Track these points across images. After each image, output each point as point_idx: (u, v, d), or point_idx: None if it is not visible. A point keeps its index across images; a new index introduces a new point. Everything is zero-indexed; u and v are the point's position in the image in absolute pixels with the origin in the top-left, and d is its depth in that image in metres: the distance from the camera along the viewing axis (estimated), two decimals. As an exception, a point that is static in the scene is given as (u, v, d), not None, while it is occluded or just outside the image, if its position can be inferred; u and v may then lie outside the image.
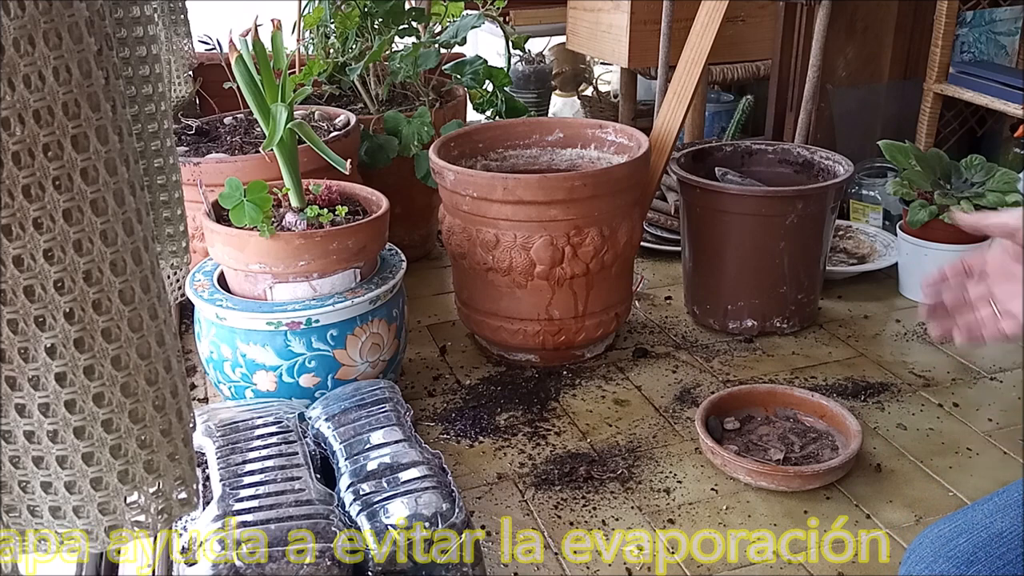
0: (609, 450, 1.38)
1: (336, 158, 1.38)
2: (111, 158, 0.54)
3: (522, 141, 1.74)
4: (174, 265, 1.00)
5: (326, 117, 1.82)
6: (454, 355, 1.68)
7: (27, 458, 0.56)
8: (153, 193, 0.93)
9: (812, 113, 2.02)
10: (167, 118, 0.93)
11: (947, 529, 0.75)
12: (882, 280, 1.89)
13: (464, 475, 1.33)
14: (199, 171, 1.55)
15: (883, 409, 1.48)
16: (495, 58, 2.26)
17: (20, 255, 0.51)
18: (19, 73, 0.49)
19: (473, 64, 1.97)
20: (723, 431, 1.38)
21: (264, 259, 1.33)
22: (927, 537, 0.76)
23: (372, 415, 1.21)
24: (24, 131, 0.50)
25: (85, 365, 0.55)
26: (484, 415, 1.47)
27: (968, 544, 0.72)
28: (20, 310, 0.52)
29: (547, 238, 1.48)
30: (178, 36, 1.36)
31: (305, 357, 1.35)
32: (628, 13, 2.26)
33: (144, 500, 0.60)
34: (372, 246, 1.41)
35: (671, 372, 1.60)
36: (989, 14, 2.06)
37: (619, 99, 2.74)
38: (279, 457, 1.11)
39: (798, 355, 1.65)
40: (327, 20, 1.97)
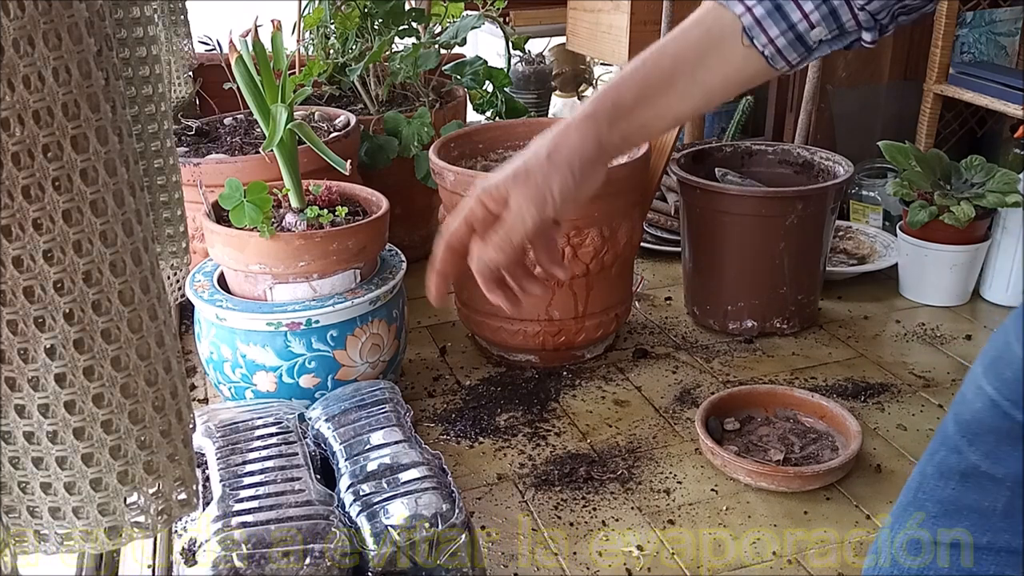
0: (609, 451, 1.38)
1: (336, 159, 1.38)
2: (111, 159, 0.54)
3: (522, 142, 1.73)
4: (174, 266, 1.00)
5: (326, 118, 1.82)
6: (454, 356, 1.68)
7: (27, 459, 0.56)
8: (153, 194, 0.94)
9: (812, 113, 2.02)
10: (167, 119, 0.93)
11: None
12: (882, 281, 1.89)
13: (464, 476, 1.33)
14: (199, 172, 1.55)
15: (883, 410, 1.47)
16: (495, 59, 2.26)
17: (20, 256, 0.51)
18: (19, 74, 0.49)
19: (473, 65, 1.97)
20: (723, 432, 1.38)
21: (264, 260, 1.33)
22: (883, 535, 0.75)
23: (372, 416, 1.21)
24: (24, 132, 0.50)
25: (85, 366, 0.55)
26: (484, 416, 1.47)
27: None
28: (20, 311, 0.52)
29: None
30: (178, 36, 1.36)
31: (305, 358, 1.35)
32: (628, 13, 2.26)
33: (144, 501, 0.60)
34: (372, 247, 1.41)
35: (671, 373, 1.60)
36: (989, 15, 2.06)
37: (619, 100, 2.73)
38: (279, 458, 1.11)
39: (798, 356, 1.65)
40: (327, 20, 1.97)
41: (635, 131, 0.71)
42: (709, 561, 1.16)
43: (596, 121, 0.70)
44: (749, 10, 0.67)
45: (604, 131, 0.70)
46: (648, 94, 0.70)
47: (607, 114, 0.70)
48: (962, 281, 1.79)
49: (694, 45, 0.71)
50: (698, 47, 0.71)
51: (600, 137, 0.70)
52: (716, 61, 0.70)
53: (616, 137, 0.70)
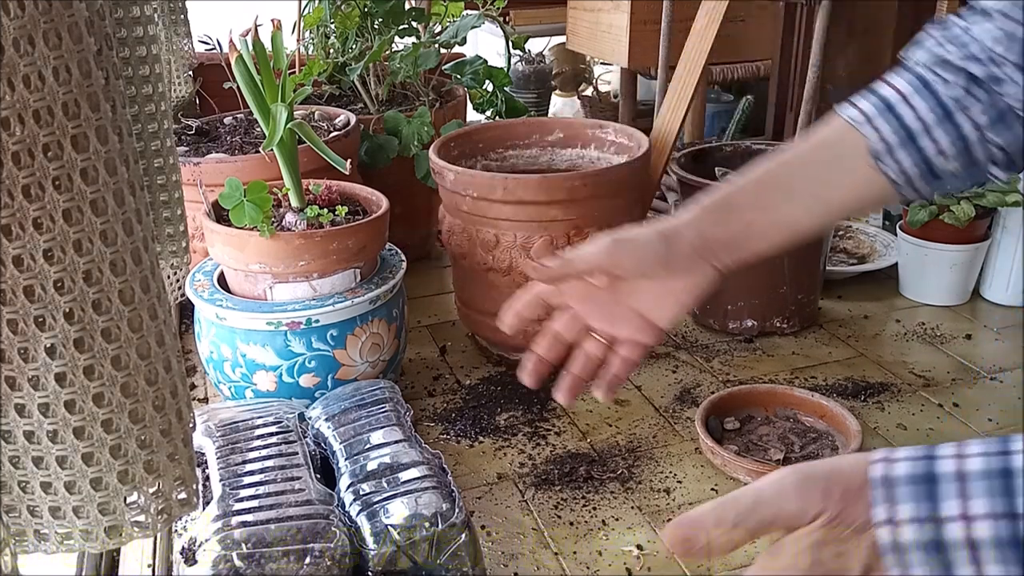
0: (609, 450, 1.38)
1: (336, 158, 1.38)
2: (111, 158, 0.54)
3: (522, 141, 1.74)
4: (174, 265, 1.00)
5: (326, 117, 1.82)
6: (454, 355, 1.68)
7: (27, 458, 0.56)
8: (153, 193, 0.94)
9: (812, 113, 2.02)
10: (167, 118, 0.93)
11: None
12: (882, 280, 1.89)
13: (464, 475, 1.33)
14: (199, 171, 1.55)
15: (883, 409, 1.48)
16: (495, 58, 2.26)
17: (20, 255, 0.51)
18: (19, 73, 0.49)
19: (473, 64, 1.97)
20: (723, 431, 1.38)
21: (264, 259, 1.33)
22: None
23: (372, 415, 1.21)
24: (24, 131, 0.50)
25: (85, 365, 0.55)
26: (484, 415, 1.47)
27: None
28: (20, 310, 0.52)
29: (547, 238, 1.48)
30: (178, 36, 1.36)
31: (305, 357, 1.36)
32: (628, 13, 2.26)
33: (144, 500, 0.60)
34: (372, 246, 1.41)
35: (671, 372, 1.60)
36: (989, 14, 2.06)
37: (619, 99, 2.74)
38: (279, 457, 1.11)
39: (798, 355, 1.65)
40: (327, 20, 1.97)
41: (743, 232, 0.71)
42: (709, 561, 1.16)
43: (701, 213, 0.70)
44: (882, 137, 0.66)
45: (707, 226, 0.70)
46: (764, 200, 0.69)
47: (713, 207, 0.70)
48: (962, 280, 1.79)
49: (819, 160, 0.70)
50: (823, 163, 0.70)
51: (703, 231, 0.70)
52: (839, 179, 0.69)
53: (720, 233, 0.70)
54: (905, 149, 0.65)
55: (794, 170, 0.70)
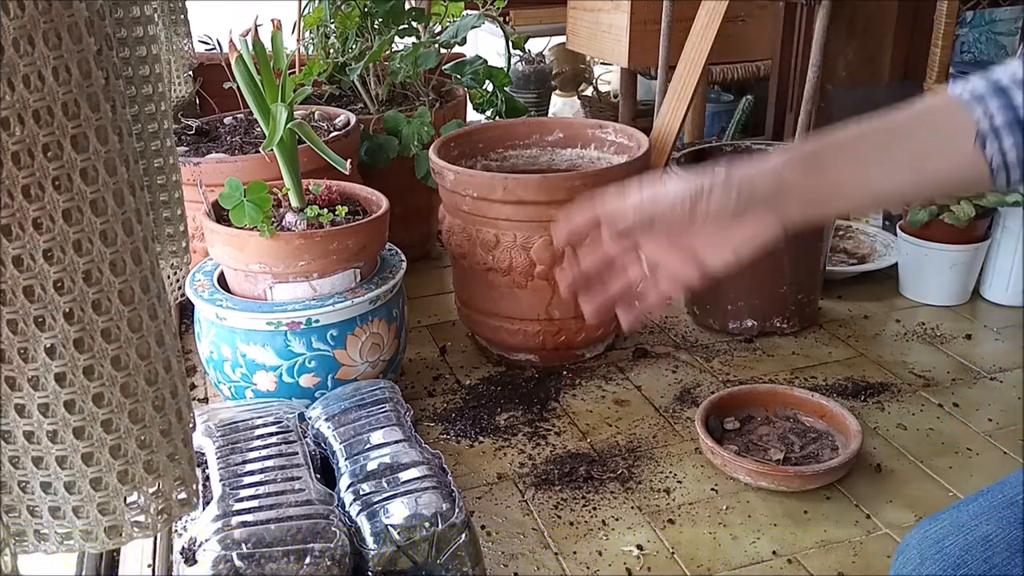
0: (609, 450, 1.38)
1: (336, 158, 1.38)
2: (111, 158, 0.54)
3: (522, 141, 1.74)
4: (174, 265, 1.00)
5: (326, 117, 1.82)
6: (454, 355, 1.68)
7: (27, 458, 0.56)
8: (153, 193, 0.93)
9: (812, 113, 2.02)
10: (167, 118, 0.93)
11: (934, 530, 0.74)
12: (882, 280, 1.89)
13: (464, 475, 1.33)
14: (199, 171, 1.55)
15: (883, 409, 1.47)
16: (495, 58, 2.26)
17: (20, 255, 0.51)
18: (19, 73, 0.49)
19: (473, 64, 1.97)
20: (723, 431, 1.38)
21: (264, 259, 1.33)
22: (914, 538, 0.75)
23: (372, 415, 1.21)
24: (24, 131, 0.50)
25: (85, 365, 0.55)
26: (484, 415, 1.47)
27: (955, 547, 0.72)
28: (20, 310, 0.52)
29: (547, 238, 1.48)
30: (178, 36, 1.36)
31: (305, 357, 1.35)
32: (628, 13, 2.26)
33: (144, 500, 0.60)
34: (372, 246, 1.41)
35: (671, 372, 1.60)
36: (989, 14, 2.06)
37: (619, 99, 2.74)
38: (279, 457, 1.11)
39: (798, 355, 1.65)
40: (327, 20, 1.97)
41: (827, 189, 0.68)
42: (709, 560, 1.16)
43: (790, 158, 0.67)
44: (989, 117, 0.65)
45: (791, 176, 0.67)
46: (857, 161, 0.66)
47: (803, 158, 0.67)
48: (962, 280, 1.79)
49: (922, 130, 0.67)
50: (926, 135, 0.67)
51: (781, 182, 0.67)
52: (940, 152, 0.66)
53: (805, 186, 0.67)
54: (1011, 129, 0.64)
55: (896, 136, 0.67)
